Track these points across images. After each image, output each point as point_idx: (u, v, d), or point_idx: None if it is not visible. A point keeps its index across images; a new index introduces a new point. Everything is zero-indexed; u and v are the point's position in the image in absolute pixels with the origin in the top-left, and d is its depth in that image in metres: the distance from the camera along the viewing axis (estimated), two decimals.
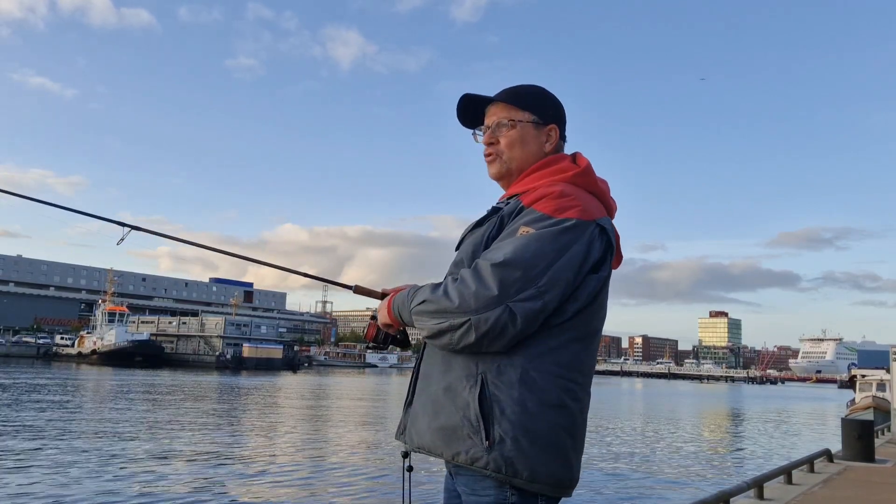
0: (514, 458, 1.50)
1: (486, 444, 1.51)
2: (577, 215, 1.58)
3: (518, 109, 1.79)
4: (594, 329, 1.65)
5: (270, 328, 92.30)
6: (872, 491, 8.49)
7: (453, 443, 1.55)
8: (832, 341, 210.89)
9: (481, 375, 1.55)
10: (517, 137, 1.78)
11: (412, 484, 1.76)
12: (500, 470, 1.50)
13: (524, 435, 1.50)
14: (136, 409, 24.69)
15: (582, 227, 1.58)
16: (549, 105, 1.83)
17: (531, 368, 1.54)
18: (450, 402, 1.58)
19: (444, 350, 1.62)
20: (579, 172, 1.68)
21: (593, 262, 1.60)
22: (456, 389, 1.58)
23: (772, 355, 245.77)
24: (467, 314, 1.51)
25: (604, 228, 1.63)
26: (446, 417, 1.57)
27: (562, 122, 1.84)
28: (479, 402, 1.53)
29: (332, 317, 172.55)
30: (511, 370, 1.54)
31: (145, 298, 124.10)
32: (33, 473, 11.82)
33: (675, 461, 17.34)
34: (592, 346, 1.66)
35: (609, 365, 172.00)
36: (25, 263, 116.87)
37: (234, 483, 11.88)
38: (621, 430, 24.91)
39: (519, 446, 1.50)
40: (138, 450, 14.93)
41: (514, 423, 1.50)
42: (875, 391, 24.46)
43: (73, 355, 76.27)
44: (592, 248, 1.59)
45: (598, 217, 1.63)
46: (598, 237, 1.61)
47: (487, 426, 1.51)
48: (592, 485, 13.02)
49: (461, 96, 1.85)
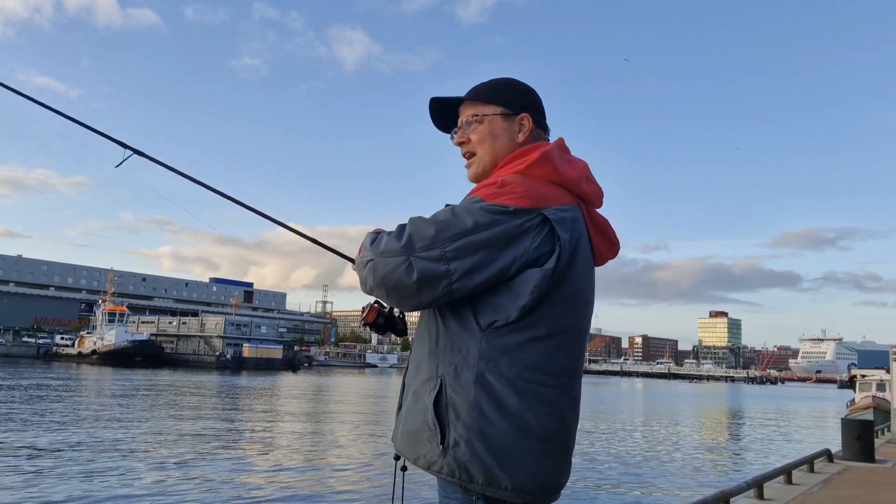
0: (468, 462, 1.45)
1: (441, 448, 1.48)
2: (511, 202, 1.49)
3: (484, 104, 1.74)
4: (566, 326, 1.54)
5: (270, 328, 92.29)
6: (872, 491, 8.48)
7: (415, 446, 1.54)
8: (832, 341, 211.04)
9: (440, 378, 1.52)
10: (486, 132, 1.72)
11: (406, 485, 1.74)
12: (453, 474, 1.47)
13: (479, 439, 1.45)
14: (135, 409, 24.66)
15: (515, 213, 1.48)
16: (516, 94, 1.75)
17: (486, 370, 1.48)
18: (415, 405, 1.57)
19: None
20: (533, 162, 1.58)
21: (527, 253, 1.49)
22: (419, 393, 1.57)
23: (772, 355, 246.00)
24: (374, 255, 1.55)
25: (546, 219, 1.50)
26: (412, 422, 1.57)
27: (534, 109, 1.74)
28: (435, 406, 1.50)
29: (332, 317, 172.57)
30: (467, 372, 1.49)
31: (145, 298, 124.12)
32: (33, 473, 11.82)
33: (675, 461, 17.32)
34: (570, 344, 1.55)
35: (609, 365, 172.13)
36: (25, 263, 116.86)
37: (229, 482, 11.86)
38: (621, 431, 24.89)
39: (473, 450, 1.45)
40: (137, 449, 14.91)
41: (468, 427, 1.46)
42: (875, 391, 24.47)
43: (73, 355, 76.18)
44: (524, 238, 1.49)
45: (546, 206, 1.52)
46: (535, 227, 1.49)
47: (443, 430, 1.48)
48: (592, 485, 13.01)
49: (430, 100, 1.79)
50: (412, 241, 1.49)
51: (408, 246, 1.49)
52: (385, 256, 1.51)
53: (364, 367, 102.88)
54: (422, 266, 1.47)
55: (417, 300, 1.52)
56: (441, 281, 1.48)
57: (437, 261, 1.47)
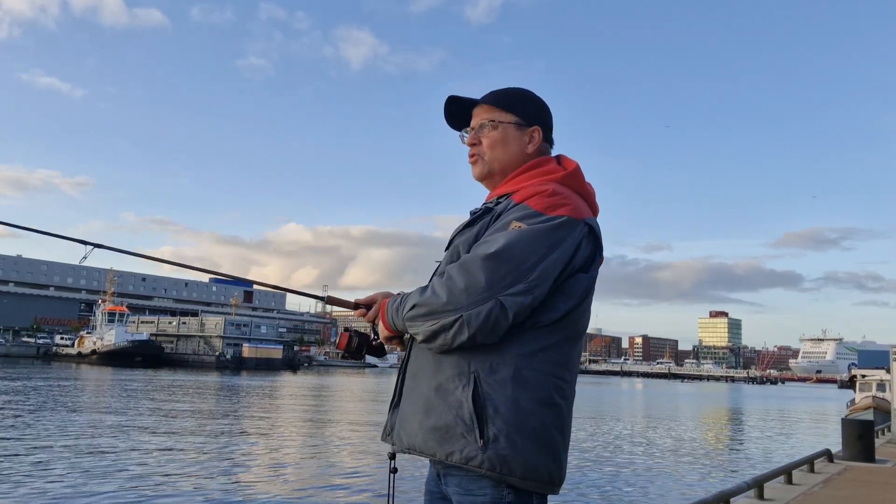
0: (509, 456, 1.50)
1: (481, 443, 1.50)
2: (569, 213, 1.60)
3: (501, 111, 1.81)
4: (582, 328, 1.68)
5: (270, 328, 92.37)
6: (873, 491, 8.46)
7: (447, 442, 1.54)
8: (832, 341, 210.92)
9: (474, 374, 1.54)
10: (499, 138, 1.80)
11: (397, 485, 1.74)
12: (494, 469, 1.50)
13: (518, 433, 1.51)
14: (135, 409, 24.65)
15: (572, 224, 1.59)
16: (532, 107, 1.84)
17: (524, 367, 1.54)
18: (441, 401, 1.57)
19: (439, 351, 1.59)
20: (568, 174, 1.70)
21: (582, 260, 1.62)
22: (447, 388, 1.57)
23: (772, 355, 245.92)
24: (458, 310, 1.51)
25: (592, 228, 1.65)
26: (438, 417, 1.56)
27: (545, 124, 1.84)
28: (473, 401, 1.52)
29: (332, 317, 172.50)
30: (504, 368, 1.54)
31: (145, 298, 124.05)
32: (33, 474, 11.79)
33: (675, 461, 17.30)
34: (579, 344, 1.70)
35: (609, 365, 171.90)
36: (25, 263, 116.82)
37: (229, 482, 11.85)
38: (621, 430, 24.89)
39: (514, 444, 1.51)
40: (135, 449, 14.89)
41: (508, 422, 1.51)
42: (875, 391, 24.46)
43: (73, 355, 76.22)
44: (582, 247, 1.61)
45: (587, 217, 1.65)
46: (587, 236, 1.63)
47: (481, 425, 1.51)
48: (593, 485, 12.99)
49: (447, 98, 1.87)
50: (495, 280, 1.51)
51: (492, 287, 1.51)
52: (473, 307, 1.50)
53: (364, 368, 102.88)
54: (513, 303, 1.51)
55: (507, 330, 1.55)
56: (530, 309, 1.55)
57: (525, 294, 1.52)
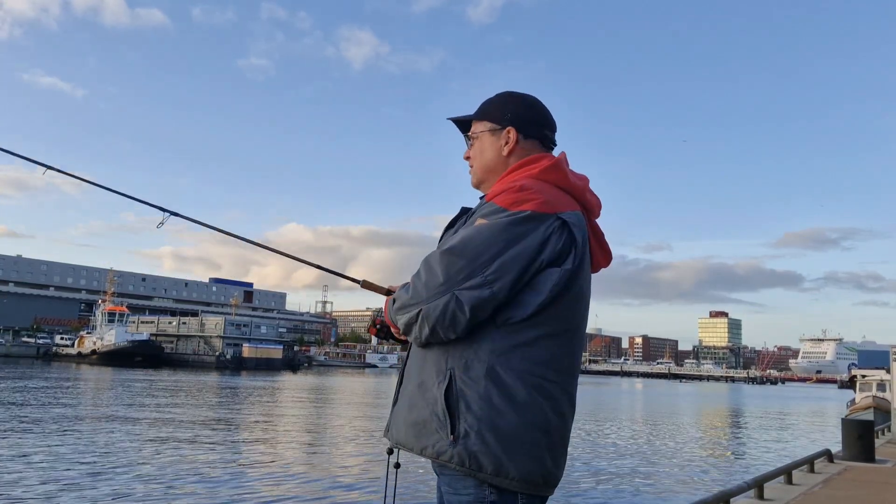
0: (478, 452, 1.51)
1: (451, 439, 1.53)
2: (533, 208, 1.58)
3: (478, 122, 1.86)
4: (572, 325, 1.63)
5: (270, 328, 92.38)
6: (873, 491, 8.48)
7: (422, 437, 1.58)
8: (832, 341, 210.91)
9: (450, 371, 1.57)
10: (477, 149, 1.85)
11: (401, 481, 1.78)
12: (463, 464, 1.52)
13: (489, 430, 1.51)
14: (135, 408, 24.66)
15: (538, 219, 1.57)
16: (504, 108, 1.82)
17: (497, 364, 1.55)
18: (421, 397, 1.61)
19: (418, 345, 1.66)
20: (545, 168, 1.68)
21: (553, 254, 1.58)
22: (427, 385, 1.61)
23: (772, 355, 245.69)
24: (419, 304, 1.57)
25: (565, 222, 1.60)
26: (418, 413, 1.61)
27: (521, 121, 1.81)
28: (446, 397, 1.55)
29: (332, 317, 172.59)
30: (478, 365, 1.55)
31: (145, 298, 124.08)
32: (33, 473, 11.80)
33: (675, 461, 17.30)
34: (571, 343, 1.64)
35: (609, 365, 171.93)
36: (25, 263, 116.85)
37: (229, 482, 11.85)
38: (621, 430, 24.91)
39: (483, 441, 1.51)
40: (134, 450, 14.89)
41: (479, 418, 1.52)
42: (875, 391, 24.50)
43: (73, 355, 76.20)
44: (549, 241, 1.58)
45: (561, 210, 1.61)
46: (557, 230, 1.59)
47: (453, 420, 1.53)
48: (593, 484, 13.00)
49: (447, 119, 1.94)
50: (450, 274, 1.54)
51: (448, 281, 1.54)
52: (431, 300, 1.54)
53: (364, 367, 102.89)
54: (469, 297, 1.52)
55: (471, 326, 1.56)
56: (490, 304, 1.54)
57: (481, 287, 1.52)
